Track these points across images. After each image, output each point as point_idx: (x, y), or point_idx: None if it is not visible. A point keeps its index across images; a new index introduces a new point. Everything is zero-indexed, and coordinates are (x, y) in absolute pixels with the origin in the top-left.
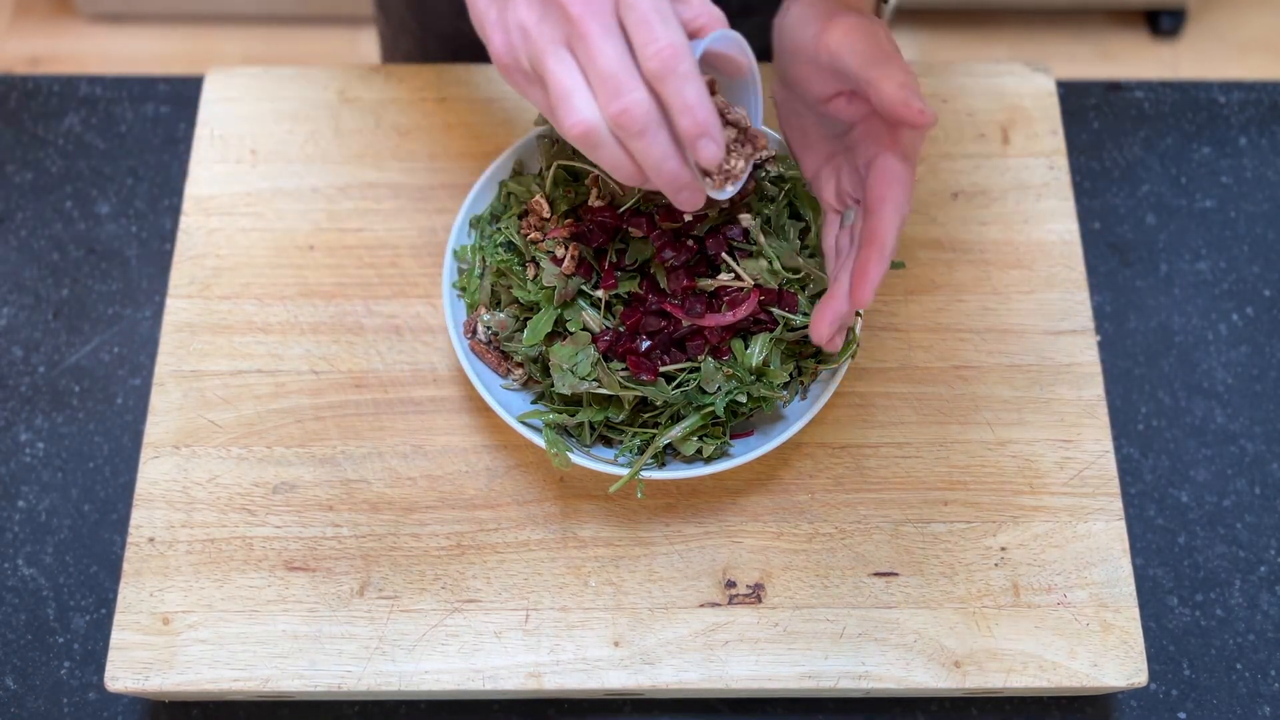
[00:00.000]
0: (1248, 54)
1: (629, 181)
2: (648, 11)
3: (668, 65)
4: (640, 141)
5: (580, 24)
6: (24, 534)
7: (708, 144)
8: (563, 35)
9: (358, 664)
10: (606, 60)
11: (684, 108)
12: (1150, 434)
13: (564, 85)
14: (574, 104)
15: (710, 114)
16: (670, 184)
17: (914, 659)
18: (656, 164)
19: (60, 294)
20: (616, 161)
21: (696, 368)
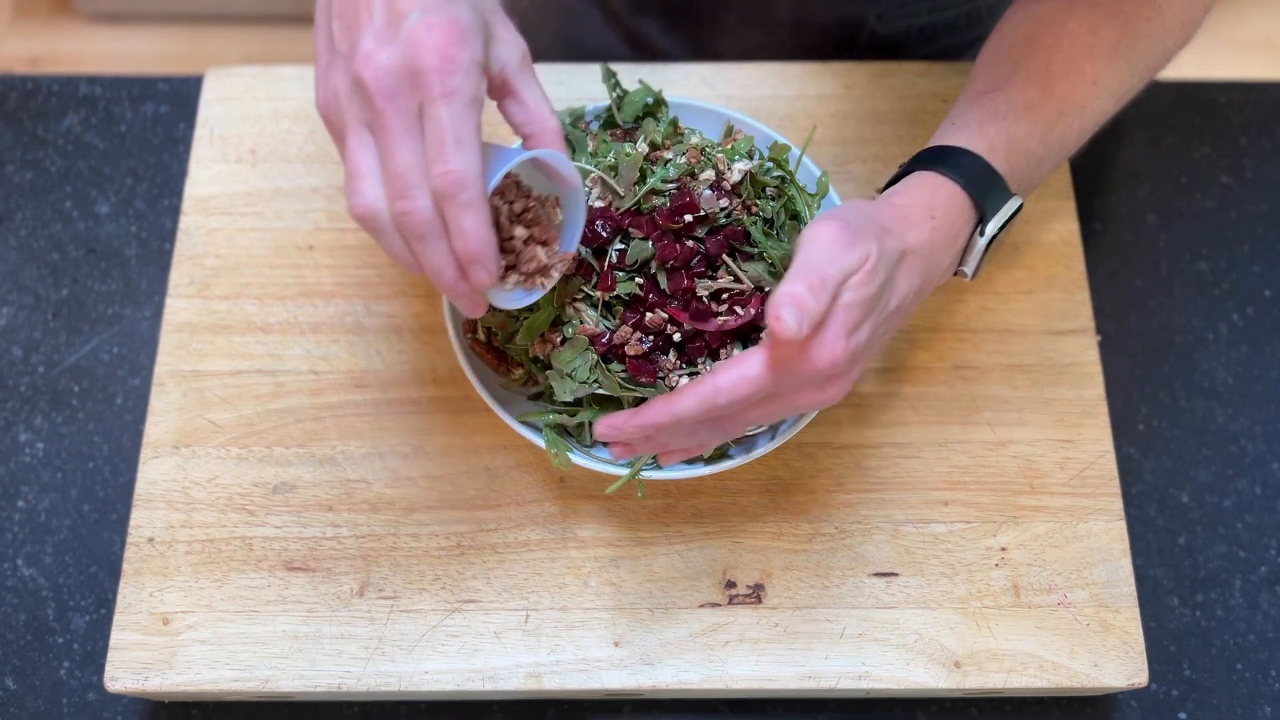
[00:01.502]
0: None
1: (405, 267)
2: (445, 130)
3: (450, 190)
4: (420, 245)
5: (382, 117)
6: (24, 534)
7: (478, 271)
8: (366, 118)
9: (357, 664)
10: (399, 161)
11: (460, 232)
12: (1150, 434)
13: (357, 165)
14: (362, 186)
15: (483, 244)
16: (448, 291)
17: (914, 659)
18: (434, 269)
19: (60, 294)
20: (393, 249)
21: (696, 370)
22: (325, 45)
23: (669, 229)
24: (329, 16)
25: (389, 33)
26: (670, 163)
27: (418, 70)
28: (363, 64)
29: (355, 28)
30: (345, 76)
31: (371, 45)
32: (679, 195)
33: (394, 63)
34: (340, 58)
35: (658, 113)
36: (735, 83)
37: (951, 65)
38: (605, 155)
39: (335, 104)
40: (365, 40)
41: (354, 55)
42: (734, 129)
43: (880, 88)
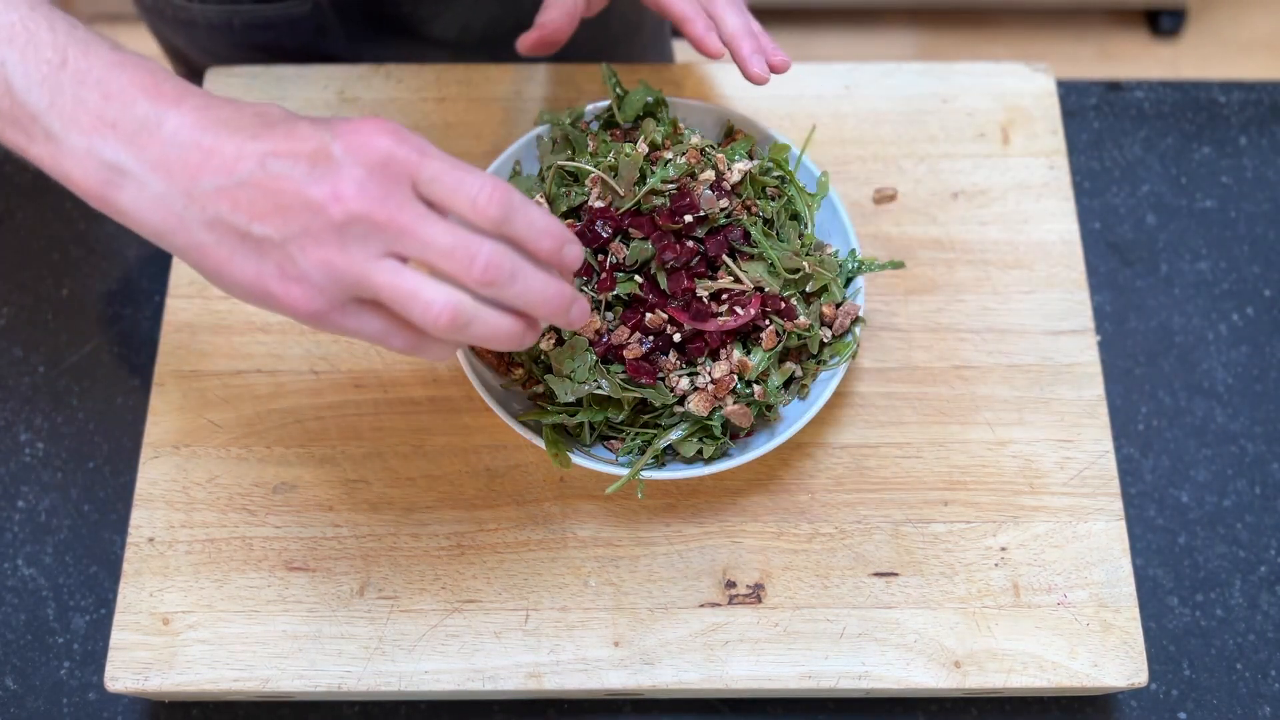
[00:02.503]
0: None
1: (514, 344)
2: (452, 172)
3: (503, 207)
4: (517, 285)
5: (394, 224)
6: (24, 534)
7: (572, 247)
8: (377, 247)
9: (358, 664)
10: (442, 238)
11: (539, 233)
12: (1150, 434)
13: (405, 288)
14: (428, 296)
15: (558, 224)
16: (561, 307)
17: (914, 659)
18: (542, 296)
19: (60, 294)
20: (493, 328)
21: (695, 371)
22: (256, 259)
23: (669, 229)
24: (235, 234)
25: (325, 168)
26: (670, 163)
27: (385, 161)
28: (337, 206)
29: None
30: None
31: (325, 188)
32: (679, 195)
33: (361, 175)
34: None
35: (658, 113)
36: (735, 83)
37: (951, 65)
38: (605, 155)
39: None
40: (313, 192)
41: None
42: (734, 129)
43: (880, 88)
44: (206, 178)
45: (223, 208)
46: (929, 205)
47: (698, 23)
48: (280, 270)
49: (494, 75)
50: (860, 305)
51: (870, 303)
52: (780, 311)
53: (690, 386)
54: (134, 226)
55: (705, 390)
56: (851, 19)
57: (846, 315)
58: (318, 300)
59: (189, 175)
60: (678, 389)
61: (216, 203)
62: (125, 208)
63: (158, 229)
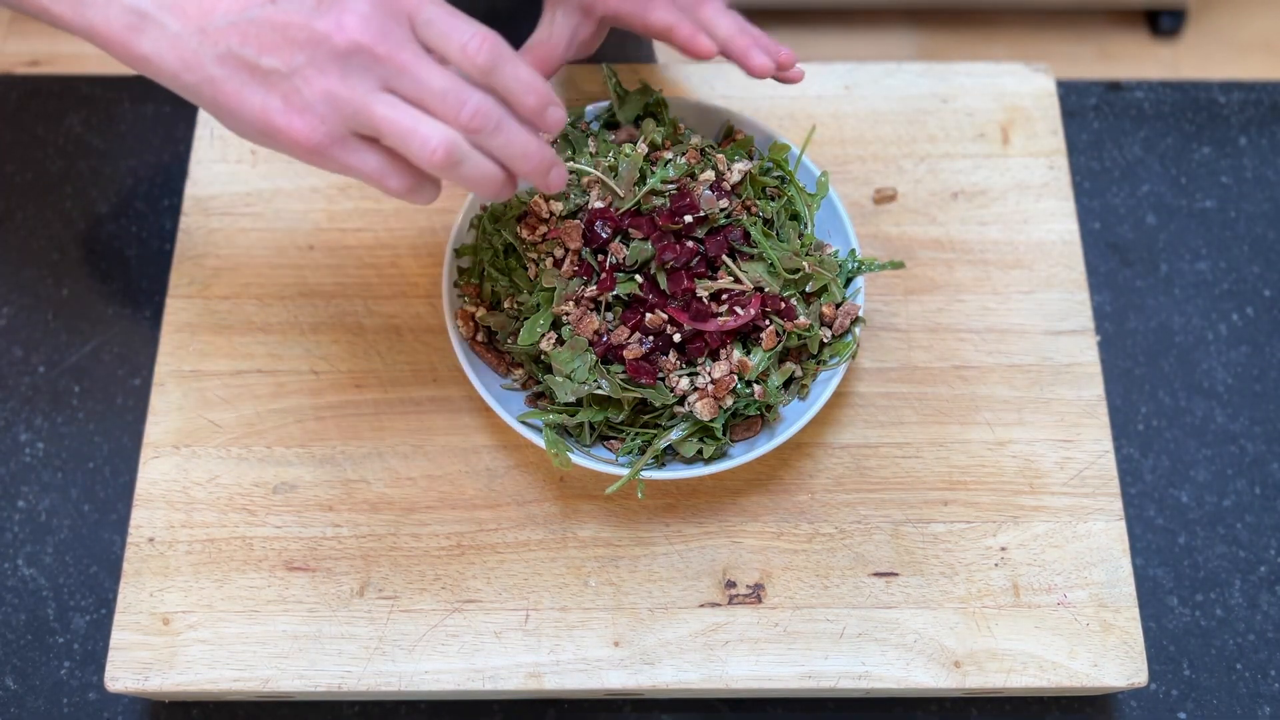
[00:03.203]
0: (1248, 54)
1: (496, 193)
2: (447, 18)
3: (492, 56)
4: (500, 136)
5: (393, 59)
6: (24, 534)
7: (555, 110)
8: (377, 80)
9: (358, 664)
10: (436, 79)
11: (524, 88)
12: (1150, 434)
13: (404, 123)
14: (424, 131)
15: (545, 84)
16: (541, 165)
17: (914, 659)
18: (523, 151)
19: (60, 294)
20: (482, 171)
21: (695, 371)
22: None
23: (669, 229)
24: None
25: (330, 3)
26: (670, 163)
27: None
28: (341, 35)
29: (293, 33)
30: (324, 72)
31: (330, 21)
32: (679, 195)
33: (365, 9)
34: (301, 69)
35: (658, 113)
36: (735, 83)
37: (951, 65)
38: (605, 155)
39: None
40: (319, 25)
41: (320, 44)
42: (734, 129)
43: (880, 88)
44: (219, 14)
45: (233, 41)
46: (929, 205)
47: (682, 27)
48: (285, 102)
49: None
50: (860, 305)
51: (870, 303)
52: (780, 311)
53: (690, 386)
54: (153, 72)
55: (706, 391)
56: (851, 19)
57: (846, 315)
58: (319, 131)
59: (203, 12)
60: (678, 389)
61: (228, 37)
62: (146, 52)
63: (174, 69)
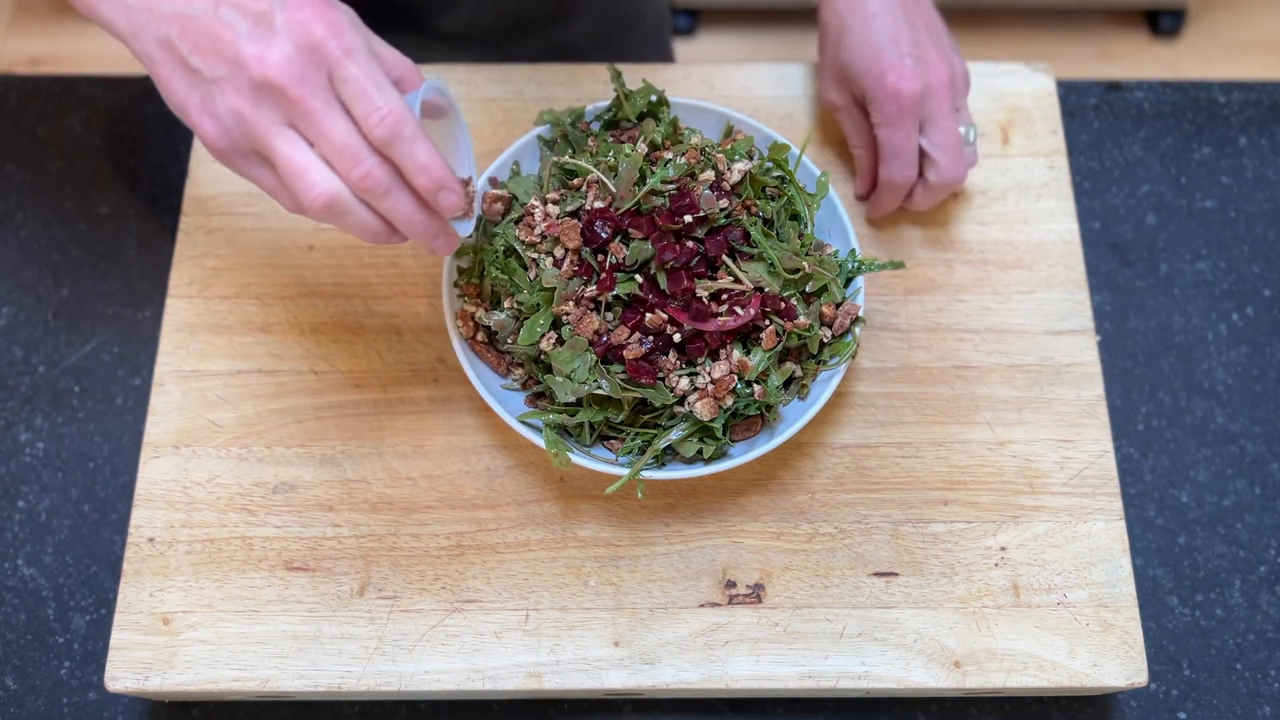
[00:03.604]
0: (1248, 54)
1: (377, 240)
2: (363, 83)
3: (394, 131)
4: (387, 201)
5: (301, 104)
6: (24, 534)
7: (448, 195)
8: (283, 116)
9: (358, 664)
10: (337, 134)
11: (418, 168)
12: (1150, 434)
13: (296, 163)
14: (312, 178)
15: (442, 168)
16: (423, 234)
17: (914, 659)
18: (406, 218)
19: (60, 294)
20: (364, 223)
21: (695, 371)
22: (188, 84)
23: (669, 229)
24: (177, 57)
25: (263, 31)
26: (670, 163)
27: (313, 45)
28: (261, 67)
29: (221, 47)
30: (239, 93)
31: (257, 47)
32: (679, 195)
33: (289, 50)
34: (220, 81)
35: (658, 113)
36: (735, 83)
37: None
38: (605, 155)
39: (238, 125)
40: (246, 47)
41: (242, 67)
42: (734, 129)
43: None
44: (168, 1)
45: (172, 31)
46: None
47: None
48: (202, 102)
49: (494, 75)
50: (860, 305)
51: (870, 303)
52: (780, 311)
53: (690, 386)
54: (110, 33)
55: (706, 391)
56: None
57: (846, 315)
58: (224, 140)
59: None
60: (678, 389)
61: (169, 25)
62: (105, 13)
63: (124, 34)
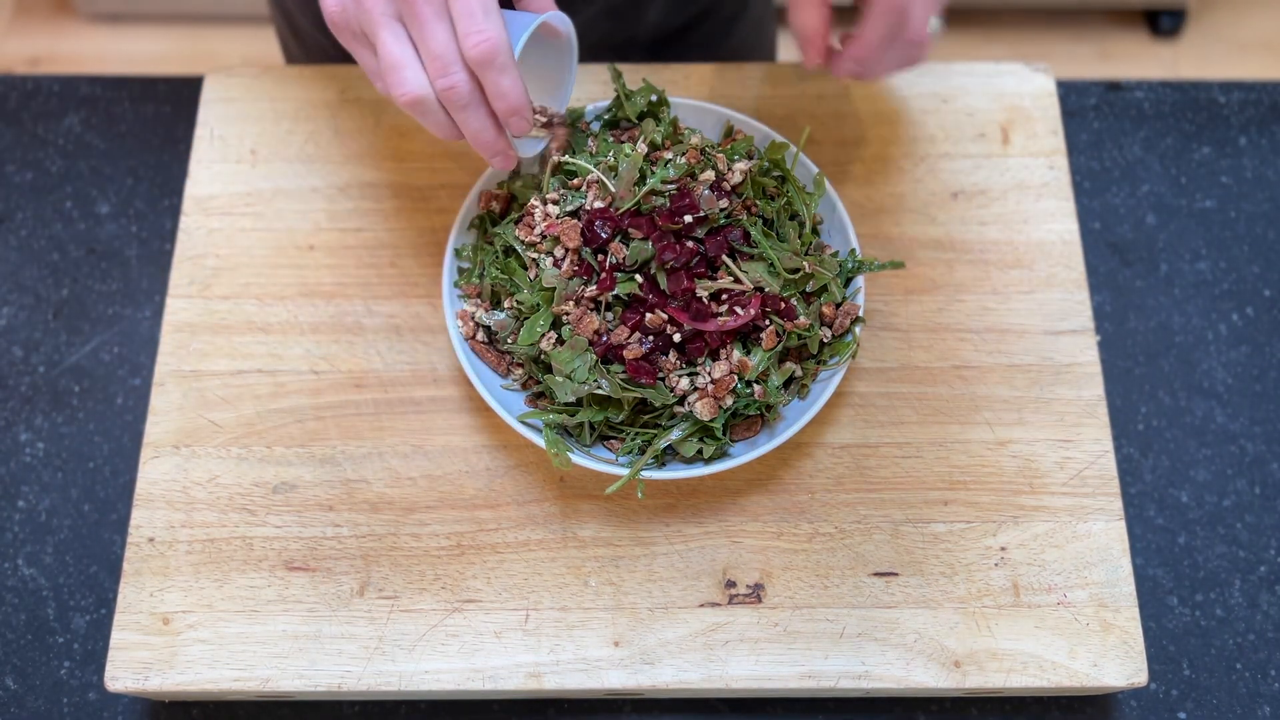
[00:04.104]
0: (1248, 54)
1: (448, 138)
2: (471, 3)
3: (486, 57)
4: (463, 114)
5: (413, 5)
6: (24, 534)
7: (518, 120)
8: (395, 10)
9: (358, 664)
10: (436, 42)
11: (499, 94)
12: (1150, 434)
13: (395, 56)
14: (405, 75)
15: (519, 97)
16: (487, 149)
17: (914, 659)
18: (475, 133)
19: (60, 294)
20: (440, 124)
21: (695, 371)
22: None
23: (669, 229)
24: None
25: None
26: (670, 163)
27: None
28: None
29: None
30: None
31: None
32: (679, 195)
33: None
34: None
35: (658, 113)
36: (735, 83)
37: (951, 65)
38: (605, 155)
39: (355, 6)
40: None
41: None
42: (734, 129)
43: (880, 88)
44: None
45: None
46: (929, 205)
47: None
48: None
49: None
50: (860, 305)
51: (870, 303)
52: (780, 311)
53: (690, 386)
54: None
55: (706, 391)
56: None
57: (846, 315)
58: (340, 15)
59: None
60: (678, 389)
61: None
62: None
63: None
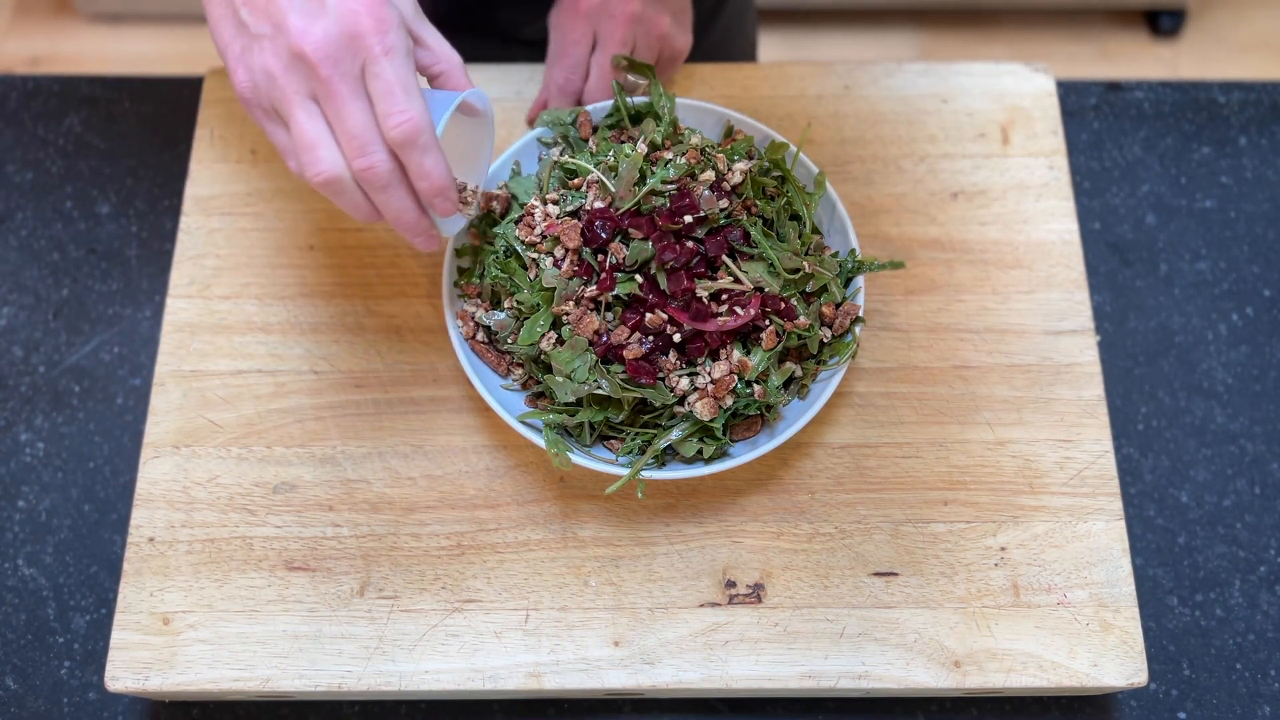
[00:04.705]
0: (1248, 54)
1: (365, 220)
2: (392, 83)
3: (409, 138)
4: (383, 195)
5: (329, 84)
6: (24, 534)
7: (443, 201)
8: (308, 89)
9: (358, 664)
10: (353, 121)
11: (422, 175)
12: (1150, 434)
13: (309, 136)
14: (319, 154)
15: (443, 177)
16: (409, 230)
17: (914, 659)
18: (397, 214)
19: (60, 294)
20: (357, 205)
21: (695, 371)
22: (234, 32)
23: (669, 229)
24: (231, 6)
25: (314, 7)
26: (670, 163)
27: (356, 34)
28: (300, 39)
29: (272, 10)
30: (276, 56)
31: (303, 21)
32: (679, 195)
33: (333, 32)
34: (262, 39)
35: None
36: (735, 83)
37: (951, 65)
38: (605, 155)
39: (267, 83)
40: (293, 18)
41: (284, 34)
42: (734, 129)
43: (880, 88)
44: None
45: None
46: (929, 205)
47: None
48: (241, 52)
49: (494, 75)
50: (860, 305)
51: (870, 303)
52: (780, 311)
53: (690, 386)
54: None
55: (706, 391)
56: (851, 19)
57: (846, 315)
58: (251, 92)
59: None
60: (678, 389)
61: None
62: None
63: None
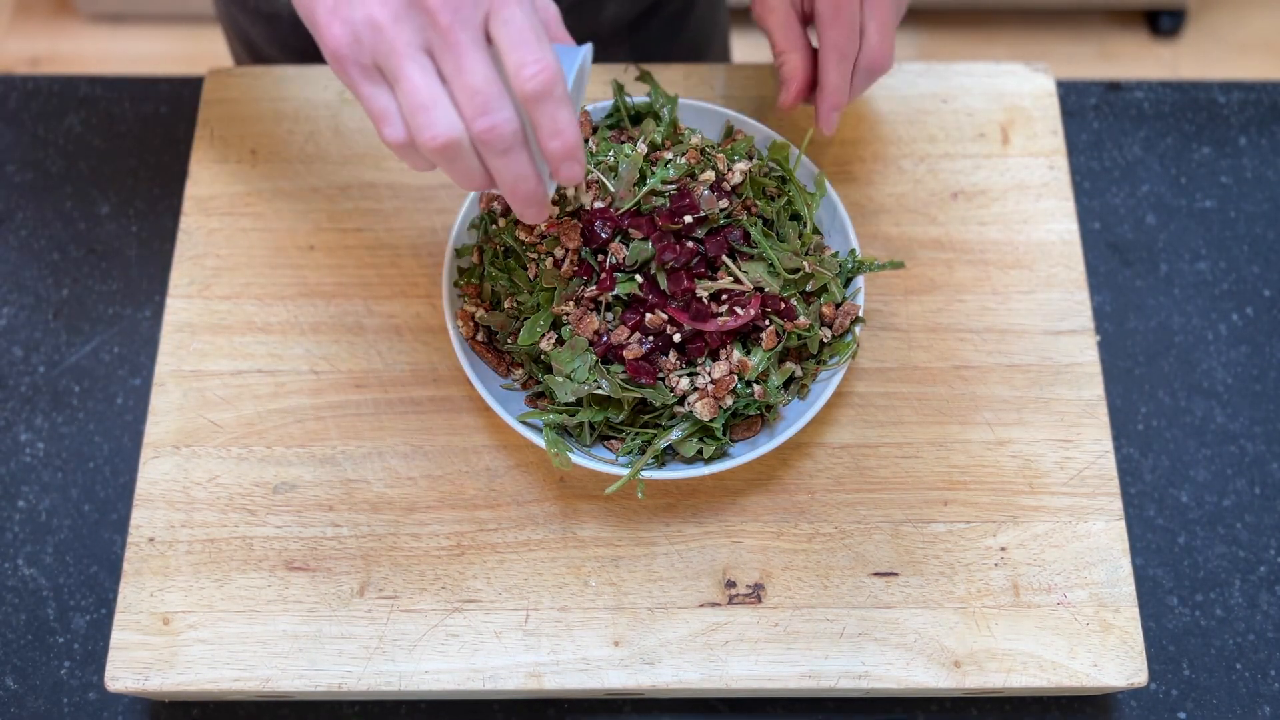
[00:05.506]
0: (1248, 54)
1: (476, 188)
2: (524, 29)
3: (546, 87)
4: (503, 159)
5: (449, 34)
6: (24, 534)
7: (572, 165)
8: (424, 41)
9: (358, 664)
10: (475, 76)
11: (556, 131)
12: (1150, 434)
13: (423, 94)
14: (435, 115)
15: (578, 137)
16: (525, 199)
17: (914, 659)
18: (514, 181)
19: (60, 294)
20: (470, 173)
21: (695, 371)
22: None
23: (669, 229)
24: None
25: None
26: (670, 163)
27: None
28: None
29: None
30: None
31: None
32: (679, 195)
33: None
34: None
35: (658, 113)
36: (735, 83)
37: (951, 65)
38: (605, 155)
39: (372, 35)
40: None
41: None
42: (734, 129)
43: (880, 88)
44: None
45: None
46: (929, 205)
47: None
48: (335, 3)
49: None
50: (860, 305)
51: (870, 303)
52: (780, 311)
53: (690, 386)
54: None
55: (706, 391)
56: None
57: (846, 315)
58: (349, 47)
59: None
60: (678, 389)
61: None
62: None
63: None
